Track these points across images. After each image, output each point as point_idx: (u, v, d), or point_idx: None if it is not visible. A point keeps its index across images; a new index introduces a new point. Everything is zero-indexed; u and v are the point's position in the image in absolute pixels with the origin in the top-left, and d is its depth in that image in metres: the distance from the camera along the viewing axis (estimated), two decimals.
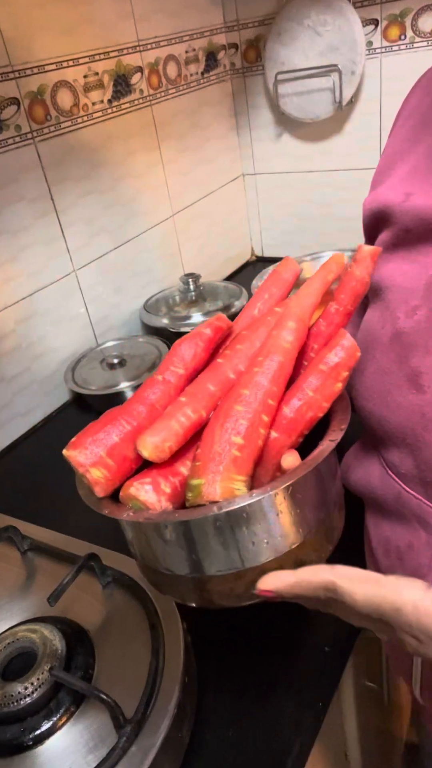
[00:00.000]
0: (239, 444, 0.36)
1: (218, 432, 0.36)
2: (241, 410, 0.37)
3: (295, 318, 0.41)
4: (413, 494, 0.42)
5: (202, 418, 0.39)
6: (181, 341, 0.43)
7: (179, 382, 0.42)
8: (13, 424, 0.94)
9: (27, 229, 0.89)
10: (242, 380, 0.39)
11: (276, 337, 0.40)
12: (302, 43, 1.12)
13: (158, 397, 0.41)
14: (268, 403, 0.38)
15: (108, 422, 0.39)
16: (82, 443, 0.38)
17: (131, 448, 0.38)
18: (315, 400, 0.39)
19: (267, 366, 0.38)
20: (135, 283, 1.13)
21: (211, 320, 0.44)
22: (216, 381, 0.40)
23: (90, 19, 0.93)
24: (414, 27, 1.04)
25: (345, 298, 0.42)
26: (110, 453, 0.38)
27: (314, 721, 0.50)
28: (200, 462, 0.36)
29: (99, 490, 0.38)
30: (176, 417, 0.38)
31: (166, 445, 0.37)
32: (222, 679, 0.54)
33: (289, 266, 0.48)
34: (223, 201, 1.34)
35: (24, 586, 0.60)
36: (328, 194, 1.29)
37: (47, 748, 0.45)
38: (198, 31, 1.16)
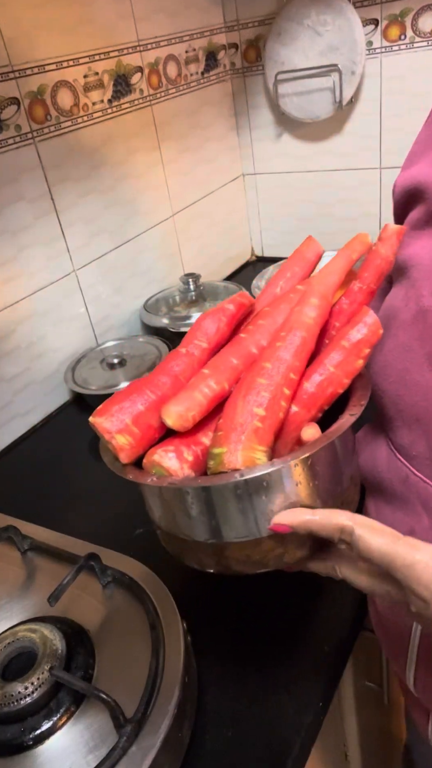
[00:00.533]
0: (261, 415, 0.36)
1: (240, 403, 0.37)
2: (263, 383, 0.37)
3: (318, 295, 0.41)
4: (421, 477, 0.42)
5: (224, 390, 0.40)
6: (204, 316, 0.44)
7: (202, 356, 0.43)
8: (13, 424, 0.94)
9: (27, 229, 0.89)
10: (265, 354, 0.39)
11: (299, 312, 0.40)
12: (302, 43, 1.12)
13: (182, 369, 0.42)
14: (290, 377, 0.38)
15: (134, 391, 0.40)
16: (108, 410, 0.39)
17: (156, 417, 0.39)
18: (336, 375, 0.39)
19: (290, 341, 0.39)
20: (135, 283, 1.13)
21: (234, 297, 0.45)
22: (239, 355, 0.41)
23: (90, 19, 0.93)
24: (414, 27, 1.04)
25: (368, 276, 0.43)
26: (135, 421, 0.39)
27: (314, 721, 0.50)
28: (222, 432, 0.37)
29: (124, 456, 0.39)
30: (199, 388, 0.39)
31: (189, 414, 0.38)
32: (222, 679, 0.54)
33: (312, 246, 0.49)
34: (223, 201, 1.34)
35: (24, 586, 0.60)
36: (328, 194, 1.29)
37: (47, 748, 0.45)
38: (198, 30, 1.16)
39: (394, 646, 0.49)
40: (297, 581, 0.61)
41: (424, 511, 0.42)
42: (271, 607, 0.59)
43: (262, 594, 0.61)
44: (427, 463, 0.41)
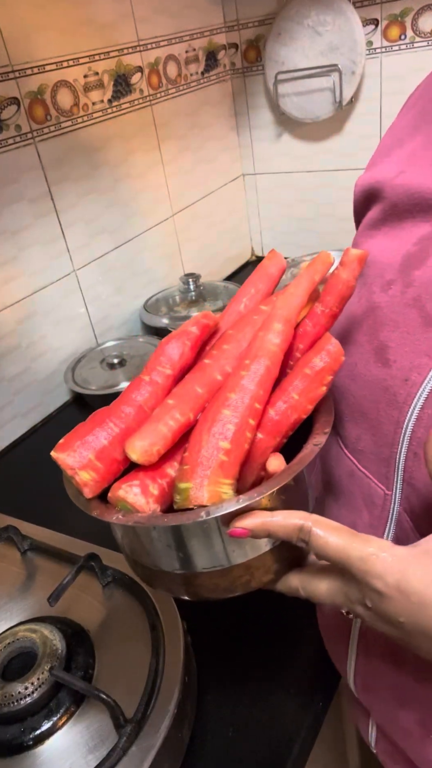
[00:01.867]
0: (226, 448, 0.36)
1: (205, 436, 0.37)
2: (228, 414, 0.37)
3: (281, 320, 0.41)
4: (365, 472, 0.42)
5: (189, 420, 0.39)
6: (167, 340, 0.43)
7: (166, 383, 0.42)
8: (13, 424, 0.94)
9: (27, 229, 0.89)
10: (229, 383, 0.39)
11: (263, 339, 0.40)
12: (302, 42, 1.12)
13: (145, 399, 0.41)
14: (255, 407, 0.38)
15: (96, 424, 0.39)
16: (70, 446, 0.39)
17: (119, 451, 0.39)
18: (299, 403, 0.40)
19: (254, 369, 0.39)
20: (135, 283, 1.13)
21: (197, 318, 0.44)
22: (203, 383, 0.41)
23: (90, 19, 0.93)
24: (414, 27, 1.04)
25: (331, 300, 0.43)
26: (99, 456, 0.38)
27: (314, 721, 0.50)
28: (188, 466, 0.36)
29: (87, 491, 0.39)
30: (164, 420, 0.38)
31: (154, 449, 0.37)
32: (222, 679, 0.54)
33: (276, 260, 0.48)
34: (223, 201, 1.34)
35: (24, 586, 0.60)
36: (328, 194, 1.29)
37: (47, 748, 0.45)
38: (198, 30, 1.16)
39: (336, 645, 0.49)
40: None
41: (365, 506, 0.43)
42: (271, 607, 0.59)
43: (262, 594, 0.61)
44: (372, 458, 0.42)
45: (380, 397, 0.40)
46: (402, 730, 0.43)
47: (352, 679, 0.47)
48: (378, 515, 0.41)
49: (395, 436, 0.39)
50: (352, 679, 0.47)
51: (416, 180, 0.42)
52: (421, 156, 0.44)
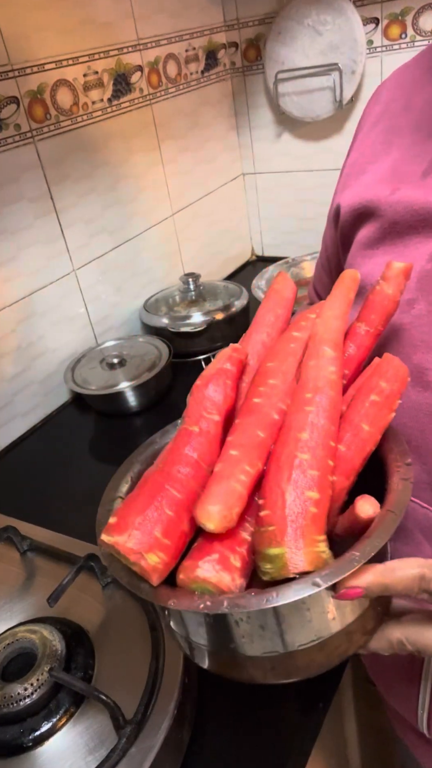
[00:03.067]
0: (315, 498, 0.31)
1: (287, 487, 0.31)
2: (307, 458, 0.32)
3: (331, 344, 0.37)
4: (419, 503, 0.40)
5: (259, 471, 0.34)
6: (205, 383, 0.38)
7: (217, 431, 0.36)
8: (13, 424, 0.94)
9: (27, 229, 0.89)
10: (294, 422, 0.34)
11: (317, 368, 0.36)
12: (303, 42, 1.12)
13: (201, 453, 0.35)
14: (330, 446, 0.33)
15: (155, 493, 0.33)
16: (128, 524, 0.32)
17: (186, 521, 0.33)
18: (370, 434, 0.35)
19: (319, 403, 0.34)
20: (135, 283, 1.13)
21: (228, 354, 0.39)
22: (263, 426, 0.35)
23: (90, 18, 0.93)
24: (415, 26, 1.04)
25: (376, 318, 0.39)
26: (166, 532, 0.32)
27: (314, 721, 0.50)
28: (274, 526, 0.31)
29: (157, 578, 0.32)
30: (235, 476, 0.32)
31: (233, 512, 0.31)
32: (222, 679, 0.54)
33: (287, 284, 0.45)
34: (223, 201, 1.34)
35: (24, 587, 0.60)
36: (328, 194, 1.28)
37: (47, 749, 0.45)
38: (198, 29, 1.16)
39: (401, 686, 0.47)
40: None
41: (425, 538, 0.41)
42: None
43: None
44: (424, 487, 0.40)
45: (426, 423, 0.38)
46: None
47: (425, 722, 0.45)
48: None
49: None
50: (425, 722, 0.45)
51: (416, 196, 0.41)
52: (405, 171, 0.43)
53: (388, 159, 0.45)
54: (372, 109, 0.50)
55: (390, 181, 0.44)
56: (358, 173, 0.48)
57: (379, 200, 0.43)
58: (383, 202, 0.43)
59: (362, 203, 0.45)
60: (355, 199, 0.46)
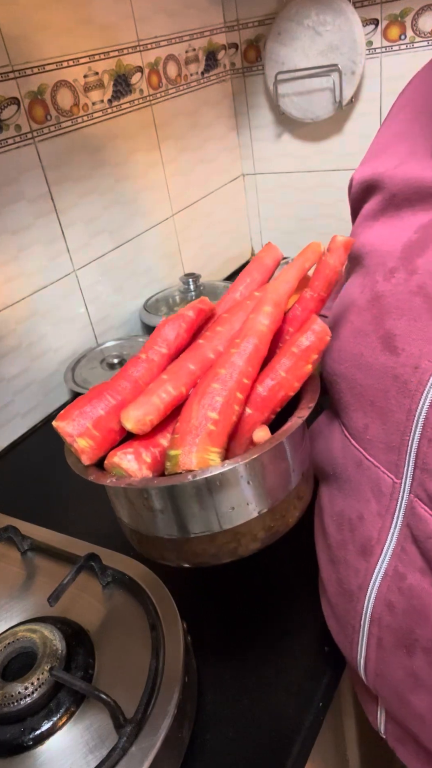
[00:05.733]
0: (214, 419, 0.39)
1: (195, 407, 0.39)
2: (217, 388, 0.40)
3: (271, 303, 0.43)
4: (372, 461, 0.43)
5: (182, 394, 0.42)
6: (164, 322, 0.46)
7: (162, 361, 0.45)
8: (13, 424, 0.94)
9: (27, 229, 0.89)
10: (220, 360, 0.42)
11: (253, 320, 0.43)
12: (302, 42, 1.12)
13: (141, 374, 0.44)
14: (243, 382, 0.41)
15: (94, 396, 0.42)
16: (69, 415, 0.41)
17: (116, 421, 0.41)
18: (287, 380, 0.42)
19: (243, 347, 0.41)
20: (135, 283, 1.13)
21: (194, 303, 0.47)
22: (196, 360, 0.43)
23: (90, 19, 0.93)
24: (414, 27, 1.04)
25: (319, 285, 0.45)
26: (96, 424, 0.41)
27: (314, 721, 0.50)
28: (179, 434, 0.39)
29: (85, 458, 0.41)
30: (158, 393, 0.41)
31: (147, 418, 0.40)
32: (222, 679, 0.54)
33: (271, 252, 0.51)
34: (223, 201, 1.34)
35: (24, 586, 0.60)
36: (328, 194, 1.29)
37: (47, 748, 0.45)
38: (198, 30, 1.16)
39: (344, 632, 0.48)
40: (298, 582, 0.61)
41: (372, 496, 0.43)
42: (271, 607, 0.59)
43: (262, 594, 0.61)
44: (381, 447, 0.42)
45: (390, 385, 0.40)
46: (414, 715, 0.43)
47: (362, 666, 0.47)
48: (386, 504, 0.42)
49: (407, 423, 0.39)
50: (362, 666, 0.47)
51: (415, 170, 0.43)
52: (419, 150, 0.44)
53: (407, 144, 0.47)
54: (403, 92, 0.52)
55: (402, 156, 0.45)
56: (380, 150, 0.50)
57: (383, 173, 0.45)
58: (386, 176, 0.45)
59: (370, 176, 0.47)
60: (365, 174, 0.48)
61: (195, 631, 0.53)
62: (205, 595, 0.62)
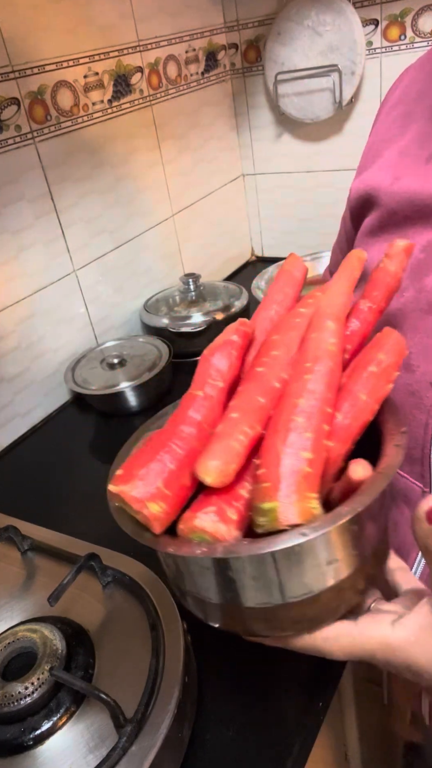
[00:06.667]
0: (309, 458, 0.33)
1: (282, 448, 0.33)
2: (302, 422, 0.34)
3: (332, 318, 0.38)
4: (399, 473, 0.43)
5: (258, 433, 0.36)
6: (211, 352, 0.40)
7: (221, 397, 0.39)
8: (13, 424, 0.94)
9: (27, 229, 0.89)
10: (294, 389, 0.36)
11: (318, 340, 0.37)
12: (302, 43, 1.12)
13: (204, 415, 0.37)
14: (327, 412, 0.35)
15: (158, 448, 0.35)
16: (133, 475, 0.34)
17: (187, 475, 0.35)
18: (367, 403, 0.37)
19: (318, 371, 0.36)
20: (135, 283, 1.13)
21: (235, 327, 0.41)
22: (263, 392, 0.37)
23: (90, 19, 0.93)
24: (414, 27, 1.04)
25: (378, 294, 0.41)
26: (167, 483, 0.34)
27: (314, 721, 0.50)
28: (269, 483, 0.33)
29: (158, 526, 0.34)
30: (234, 436, 0.35)
31: (230, 468, 0.34)
32: (222, 679, 0.54)
33: (297, 264, 0.47)
34: (223, 201, 1.34)
35: (24, 586, 0.60)
36: (328, 194, 1.29)
37: (47, 748, 0.45)
38: (198, 31, 1.16)
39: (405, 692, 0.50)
40: None
41: (404, 504, 0.44)
42: None
43: None
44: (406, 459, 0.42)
45: (406, 401, 0.41)
46: None
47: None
48: None
49: (425, 437, 0.40)
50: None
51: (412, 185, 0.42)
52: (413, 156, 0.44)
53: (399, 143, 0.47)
54: (392, 93, 0.52)
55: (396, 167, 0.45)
56: (374, 156, 0.49)
57: (380, 189, 0.45)
58: (384, 192, 0.45)
59: (366, 191, 0.47)
60: (361, 186, 0.48)
61: (195, 631, 0.53)
62: None
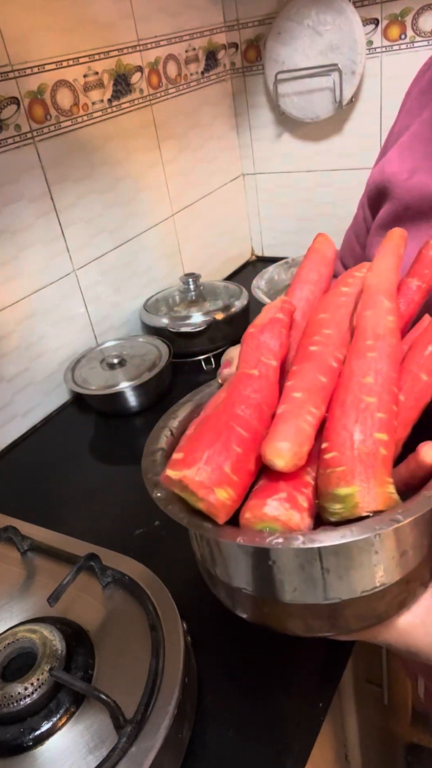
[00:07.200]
0: (384, 440, 0.31)
1: (354, 428, 0.31)
2: (373, 402, 0.32)
3: (386, 294, 0.36)
4: None
5: (322, 414, 0.33)
6: (260, 330, 0.37)
7: (275, 377, 0.36)
8: (13, 424, 0.94)
9: (27, 229, 0.89)
10: (356, 368, 0.34)
11: (376, 317, 0.35)
12: (302, 42, 1.12)
13: (263, 396, 0.34)
14: (394, 391, 0.33)
15: (220, 431, 0.32)
16: (196, 458, 0.30)
17: (252, 459, 0.32)
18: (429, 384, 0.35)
19: (381, 349, 0.33)
20: (135, 283, 1.13)
21: (279, 305, 0.39)
22: (323, 371, 0.35)
23: (90, 19, 0.93)
24: (414, 26, 1.04)
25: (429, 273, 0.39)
26: (235, 468, 0.31)
27: (314, 721, 0.50)
28: (344, 467, 0.30)
29: (224, 514, 0.30)
30: (302, 416, 0.32)
31: (303, 449, 0.31)
32: (222, 679, 0.54)
33: (328, 243, 0.45)
34: (223, 201, 1.34)
35: (24, 586, 0.60)
36: (328, 194, 1.29)
37: (47, 749, 0.45)
38: (198, 30, 1.16)
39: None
40: None
41: None
42: None
43: None
44: None
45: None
46: None
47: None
48: None
49: None
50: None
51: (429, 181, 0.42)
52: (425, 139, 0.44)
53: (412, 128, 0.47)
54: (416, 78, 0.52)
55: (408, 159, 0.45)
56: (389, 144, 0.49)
57: (396, 183, 0.45)
58: (398, 186, 0.45)
59: (382, 182, 0.47)
60: (376, 177, 0.48)
61: (195, 631, 0.53)
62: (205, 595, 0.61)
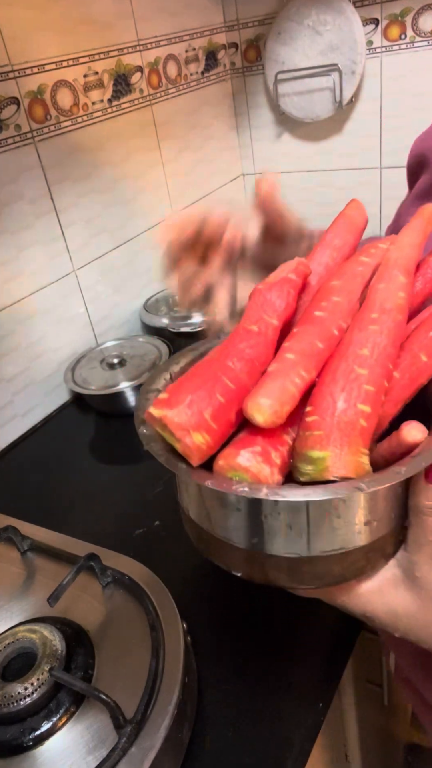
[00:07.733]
0: (366, 413, 0.31)
1: (339, 396, 0.31)
2: (363, 374, 0.32)
3: (403, 270, 0.36)
4: None
5: (312, 379, 0.33)
6: (268, 288, 0.37)
7: (274, 336, 0.36)
8: (13, 424, 0.94)
9: (27, 229, 0.89)
10: (356, 338, 0.34)
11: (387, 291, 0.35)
12: (302, 42, 1.12)
13: (257, 353, 0.35)
14: (388, 367, 0.33)
15: (207, 379, 0.33)
16: (179, 400, 0.31)
17: (234, 411, 0.33)
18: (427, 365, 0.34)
19: (384, 323, 0.33)
20: (135, 283, 1.13)
21: (292, 265, 0.38)
22: (322, 337, 0.34)
23: (90, 19, 0.93)
24: (414, 26, 1.04)
25: None
26: (215, 415, 0.31)
27: (314, 721, 0.50)
28: (321, 431, 0.31)
29: (197, 459, 0.32)
30: (290, 377, 0.32)
31: (284, 409, 0.31)
32: (222, 679, 0.54)
33: (360, 210, 0.43)
34: (223, 201, 1.34)
35: (24, 586, 0.60)
36: (328, 194, 1.29)
37: (47, 749, 0.45)
38: (198, 30, 1.16)
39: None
40: None
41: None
42: (271, 607, 0.59)
43: (262, 594, 0.61)
44: None
45: None
46: None
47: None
48: None
49: None
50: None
51: None
52: None
53: None
54: None
55: None
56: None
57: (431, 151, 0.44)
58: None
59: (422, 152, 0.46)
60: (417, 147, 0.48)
61: (195, 631, 0.53)
62: (205, 595, 0.62)
